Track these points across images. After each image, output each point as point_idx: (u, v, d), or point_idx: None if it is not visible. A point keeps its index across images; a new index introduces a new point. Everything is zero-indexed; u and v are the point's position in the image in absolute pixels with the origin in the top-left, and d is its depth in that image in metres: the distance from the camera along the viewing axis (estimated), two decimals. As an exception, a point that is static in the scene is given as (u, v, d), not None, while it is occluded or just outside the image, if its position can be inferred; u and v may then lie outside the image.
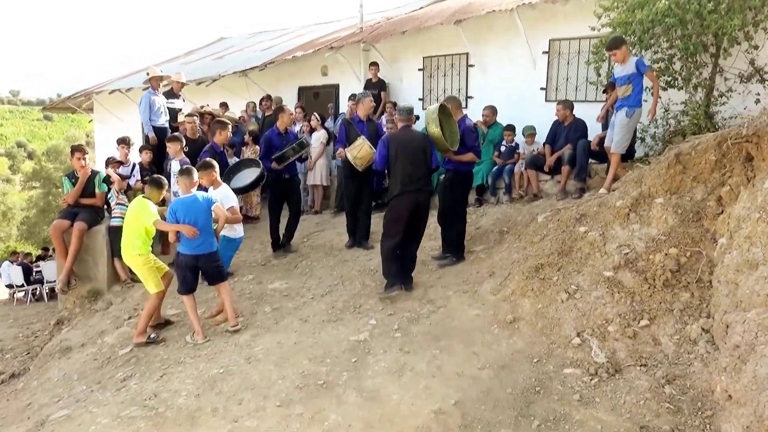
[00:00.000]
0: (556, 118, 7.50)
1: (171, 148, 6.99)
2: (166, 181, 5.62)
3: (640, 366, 3.75)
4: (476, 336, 4.46)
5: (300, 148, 6.95)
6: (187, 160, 6.71)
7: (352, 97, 8.58)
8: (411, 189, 5.52)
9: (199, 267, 5.22)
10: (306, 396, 3.84)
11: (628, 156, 6.82)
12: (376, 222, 7.64)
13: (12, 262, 14.78)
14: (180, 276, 5.21)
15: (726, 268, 3.89)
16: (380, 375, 4.02)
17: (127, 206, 6.71)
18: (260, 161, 6.76)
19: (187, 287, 5.20)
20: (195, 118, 7.37)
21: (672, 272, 4.33)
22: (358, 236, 7.12)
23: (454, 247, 6.16)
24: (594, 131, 7.22)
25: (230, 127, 7.16)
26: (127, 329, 5.60)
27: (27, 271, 14.32)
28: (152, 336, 5.27)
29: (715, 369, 3.44)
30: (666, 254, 4.46)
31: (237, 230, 6.00)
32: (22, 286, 14.07)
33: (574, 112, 7.38)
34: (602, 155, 6.91)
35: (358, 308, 5.37)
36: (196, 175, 5.32)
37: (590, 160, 7.10)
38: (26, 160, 60.65)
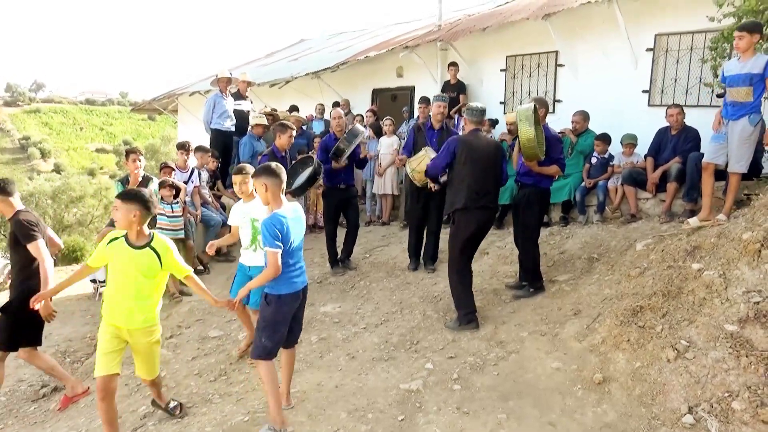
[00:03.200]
0: (664, 125, 6.38)
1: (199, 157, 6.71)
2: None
3: (783, 470, 2.75)
4: (555, 398, 3.59)
5: (352, 137, 6.25)
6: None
7: (423, 100, 7.88)
8: (477, 205, 4.77)
9: (297, 309, 3.73)
10: (336, 466, 3.16)
11: (753, 173, 5.63)
12: (445, 240, 6.86)
13: (96, 258, 15.29)
14: (271, 330, 3.48)
15: None
16: (430, 444, 3.26)
17: (169, 217, 6.32)
18: (313, 157, 6.17)
19: (277, 347, 3.56)
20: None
21: (824, 334, 3.26)
22: (424, 257, 6.36)
23: (531, 275, 5.27)
24: (708, 140, 6.06)
25: (292, 130, 6.61)
26: (165, 351, 5.16)
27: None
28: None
29: None
30: (815, 308, 3.38)
31: None
32: (104, 282, 14.43)
33: (684, 119, 6.25)
34: (719, 172, 5.74)
35: (414, 345, 4.63)
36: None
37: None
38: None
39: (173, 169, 6.64)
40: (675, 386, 3.41)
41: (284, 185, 3.53)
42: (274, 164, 3.51)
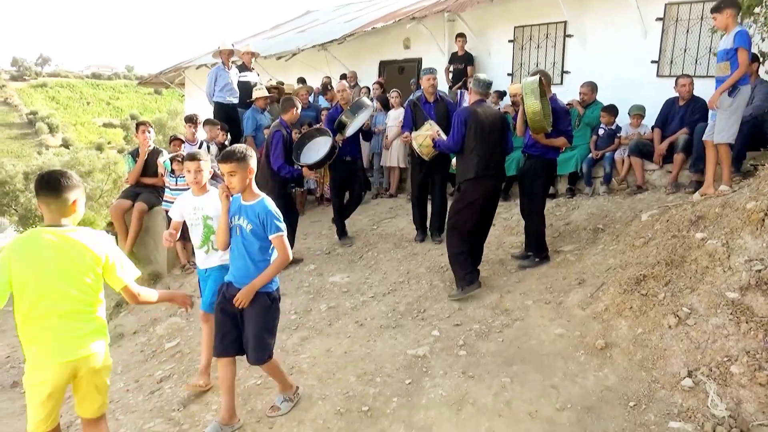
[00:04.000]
0: (672, 96, 6.36)
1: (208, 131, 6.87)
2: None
3: (778, 429, 2.85)
4: (557, 363, 3.69)
5: (357, 108, 6.32)
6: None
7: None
8: (488, 174, 4.84)
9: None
10: (345, 426, 3.27)
11: (760, 143, 5.64)
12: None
13: (108, 232, 15.49)
14: (276, 328, 3.36)
15: None
16: (435, 406, 3.37)
17: (172, 189, 6.31)
18: (322, 129, 6.24)
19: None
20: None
21: (824, 301, 3.32)
22: (431, 228, 6.43)
23: (535, 246, 5.35)
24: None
25: (299, 103, 6.65)
26: (178, 319, 5.31)
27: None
28: None
29: None
30: (815, 276, 3.44)
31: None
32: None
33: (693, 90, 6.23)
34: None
35: (421, 313, 4.74)
36: None
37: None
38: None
39: (183, 142, 6.69)
40: (675, 351, 3.49)
41: None
42: (244, 147, 3.17)
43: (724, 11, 4.79)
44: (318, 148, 6.03)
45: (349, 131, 6.20)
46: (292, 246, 6.22)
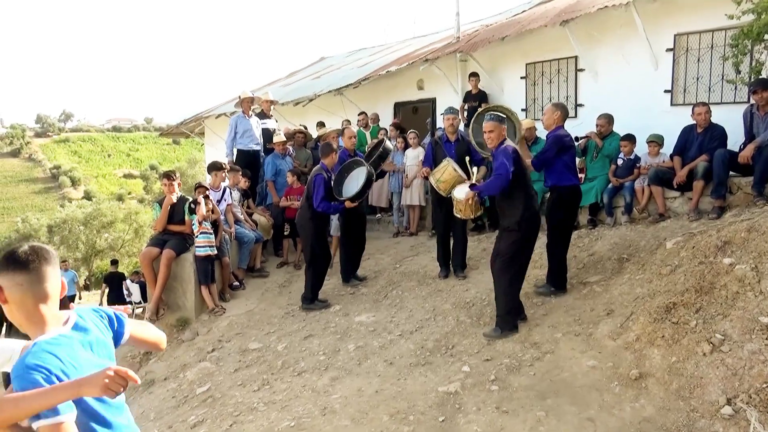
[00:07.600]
0: (689, 123, 6.39)
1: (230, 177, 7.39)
2: None
3: (825, 456, 2.78)
4: (592, 395, 3.65)
5: (385, 153, 6.76)
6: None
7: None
8: (537, 210, 4.88)
9: None
10: (382, 465, 3.27)
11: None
12: (472, 247, 6.97)
13: (132, 281, 15.67)
14: None
15: None
16: (471, 442, 3.35)
17: (212, 234, 6.54)
18: (359, 160, 6.55)
19: None
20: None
21: None
22: (454, 264, 6.46)
23: (555, 277, 5.37)
24: (733, 138, 6.10)
25: (336, 150, 6.92)
26: (208, 364, 5.35)
27: (144, 289, 15.07)
28: None
29: None
30: None
31: None
32: (140, 303, 14.81)
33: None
34: (746, 167, 5.76)
35: (450, 349, 4.73)
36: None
37: (731, 173, 5.95)
38: (158, 182, 66.22)
39: (207, 189, 6.86)
40: (712, 379, 3.45)
41: (51, 284, 1.82)
42: (19, 250, 1.82)
43: None
44: (357, 181, 6.35)
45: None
46: (319, 287, 6.36)
